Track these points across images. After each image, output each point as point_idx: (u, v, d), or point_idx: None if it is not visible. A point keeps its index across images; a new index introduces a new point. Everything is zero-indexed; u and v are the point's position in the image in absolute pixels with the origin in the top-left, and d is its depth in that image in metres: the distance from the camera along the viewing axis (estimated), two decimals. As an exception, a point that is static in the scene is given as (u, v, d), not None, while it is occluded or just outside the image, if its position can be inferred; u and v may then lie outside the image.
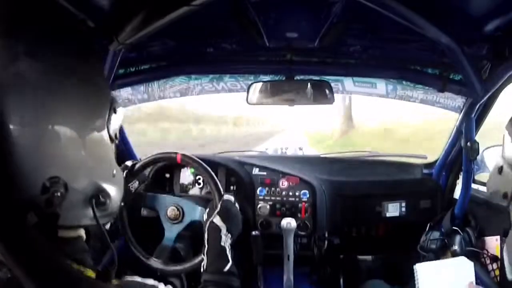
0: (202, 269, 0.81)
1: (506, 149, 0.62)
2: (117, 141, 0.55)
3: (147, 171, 1.24)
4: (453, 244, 1.21)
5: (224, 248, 0.83)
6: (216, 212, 0.88)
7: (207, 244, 0.84)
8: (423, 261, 1.19)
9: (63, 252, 0.45)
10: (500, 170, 0.64)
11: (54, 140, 0.44)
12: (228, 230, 0.85)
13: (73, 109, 0.47)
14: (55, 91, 0.45)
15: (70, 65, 0.47)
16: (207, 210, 0.96)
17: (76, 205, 0.47)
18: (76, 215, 0.48)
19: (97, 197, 0.49)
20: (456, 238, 1.22)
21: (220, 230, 0.85)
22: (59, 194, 0.43)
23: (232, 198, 0.95)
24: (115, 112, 0.53)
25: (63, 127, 0.45)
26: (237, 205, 0.95)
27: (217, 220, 0.86)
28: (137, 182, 1.14)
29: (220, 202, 0.92)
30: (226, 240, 0.84)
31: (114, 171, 0.54)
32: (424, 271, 1.09)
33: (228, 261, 0.81)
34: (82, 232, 0.52)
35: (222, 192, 1.00)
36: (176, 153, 1.07)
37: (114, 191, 0.53)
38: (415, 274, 1.10)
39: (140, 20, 0.71)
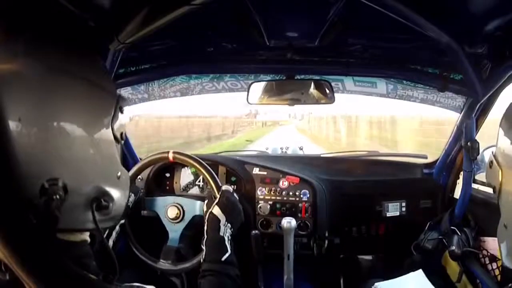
0: (201, 260, 0.81)
1: (498, 144, 0.64)
2: (122, 142, 0.53)
3: (144, 174, 1.24)
4: (451, 244, 1.20)
5: (222, 238, 0.83)
6: (215, 203, 0.88)
7: (206, 234, 0.84)
8: (415, 260, 1.18)
9: (66, 255, 0.43)
10: (490, 164, 0.67)
11: (54, 139, 0.43)
12: (227, 220, 0.85)
13: (73, 108, 0.45)
14: (55, 89, 0.43)
15: (69, 64, 0.46)
16: (206, 201, 0.95)
17: (77, 208, 0.46)
18: (77, 218, 0.46)
19: (99, 200, 0.48)
20: (454, 238, 1.21)
21: (219, 221, 0.85)
22: (57, 197, 0.41)
23: (230, 188, 0.95)
24: (121, 112, 0.51)
25: (63, 126, 0.43)
26: (236, 195, 0.95)
27: (216, 210, 0.86)
28: (132, 196, 1.11)
29: (219, 193, 0.92)
30: (225, 231, 0.84)
31: (119, 173, 0.52)
32: None
33: (227, 251, 0.81)
34: (86, 236, 0.51)
35: (220, 183, 0.99)
36: (167, 152, 1.06)
37: (118, 194, 0.51)
38: None
39: (140, 20, 0.71)
